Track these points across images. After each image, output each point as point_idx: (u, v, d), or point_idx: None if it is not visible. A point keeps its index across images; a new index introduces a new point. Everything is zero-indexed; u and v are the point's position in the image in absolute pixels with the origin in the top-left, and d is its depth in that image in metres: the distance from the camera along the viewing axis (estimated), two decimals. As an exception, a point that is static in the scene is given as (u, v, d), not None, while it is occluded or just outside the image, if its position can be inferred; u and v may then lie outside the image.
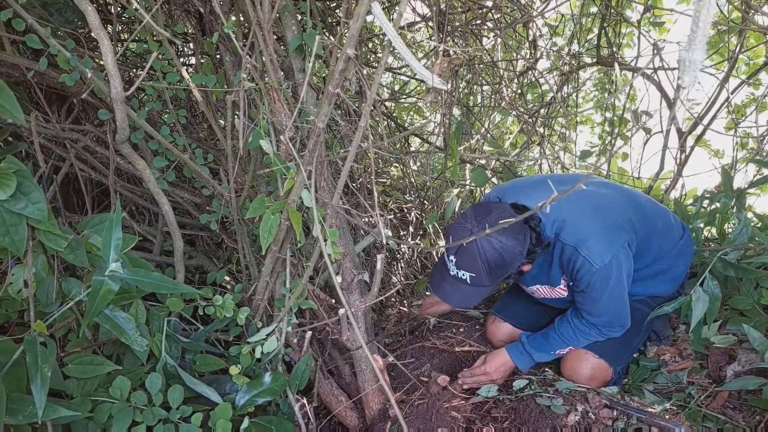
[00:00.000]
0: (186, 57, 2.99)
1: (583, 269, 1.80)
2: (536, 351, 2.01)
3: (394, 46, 1.34)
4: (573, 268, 1.83)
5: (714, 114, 2.99)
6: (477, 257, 1.72)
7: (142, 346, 1.54)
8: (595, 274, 1.78)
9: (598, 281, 1.80)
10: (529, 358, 2.02)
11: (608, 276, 1.80)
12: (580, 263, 1.79)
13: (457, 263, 1.78)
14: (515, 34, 3.67)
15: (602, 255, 1.77)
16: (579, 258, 1.79)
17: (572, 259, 1.81)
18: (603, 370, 1.95)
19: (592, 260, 1.77)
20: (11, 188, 1.30)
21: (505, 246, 1.72)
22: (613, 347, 1.98)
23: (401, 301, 3.62)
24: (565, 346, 1.99)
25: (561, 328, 2.00)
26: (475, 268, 1.74)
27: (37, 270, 1.51)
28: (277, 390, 1.84)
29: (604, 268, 1.78)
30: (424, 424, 1.87)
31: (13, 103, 1.27)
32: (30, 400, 1.29)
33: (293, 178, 1.67)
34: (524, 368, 2.04)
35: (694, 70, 0.75)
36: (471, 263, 1.74)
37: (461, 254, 1.76)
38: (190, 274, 2.78)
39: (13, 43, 2.00)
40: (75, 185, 2.66)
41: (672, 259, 2.08)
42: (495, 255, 1.72)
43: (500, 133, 4.49)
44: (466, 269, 1.76)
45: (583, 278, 1.82)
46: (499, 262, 1.73)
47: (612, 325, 1.93)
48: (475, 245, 1.72)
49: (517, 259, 1.76)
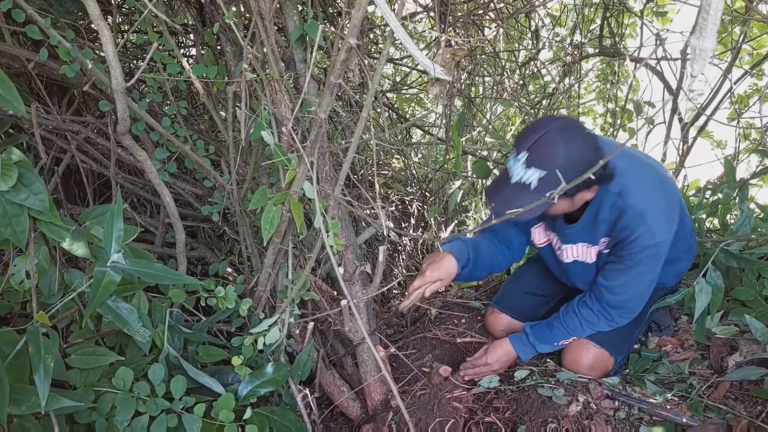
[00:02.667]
0: (186, 48, 2.98)
1: (641, 238, 1.73)
2: (539, 342, 1.99)
3: (397, 37, 1.34)
4: (629, 235, 1.75)
5: (717, 105, 2.97)
6: (555, 151, 1.57)
7: (145, 337, 1.54)
8: (649, 248, 1.73)
9: (646, 255, 1.75)
10: (532, 348, 2.00)
11: (657, 254, 1.76)
12: (641, 232, 1.72)
13: (529, 159, 1.61)
14: (517, 24, 3.65)
15: (662, 231, 1.73)
16: (641, 226, 1.72)
17: (632, 225, 1.73)
18: (604, 359, 1.95)
19: (654, 232, 1.71)
20: (13, 179, 1.30)
21: (582, 148, 1.59)
22: (615, 337, 1.97)
23: (403, 292, 3.63)
24: (569, 337, 1.97)
25: (566, 319, 1.97)
26: (550, 165, 1.57)
27: (39, 261, 1.51)
28: (280, 381, 1.85)
29: (659, 244, 1.73)
30: (425, 415, 1.87)
31: (13, 95, 1.26)
32: (33, 390, 1.30)
33: (295, 170, 1.67)
34: (526, 358, 2.03)
35: (705, 58, 0.75)
36: (547, 159, 1.58)
37: (537, 148, 1.60)
38: (192, 265, 2.78)
39: (13, 35, 1.99)
40: (76, 177, 2.66)
41: (681, 252, 2.05)
42: (574, 154, 1.58)
43: (502, 124, 4.48)
44: (538, 166, 1.59)
45: (635, 247, 1.75)
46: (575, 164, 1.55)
47: (624, 309, 1.89)
48: (552, 137, 1.58)
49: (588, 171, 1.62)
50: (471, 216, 4.06)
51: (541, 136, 1.58)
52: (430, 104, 4.32)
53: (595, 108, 4.36)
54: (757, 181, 2.92)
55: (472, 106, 3.92)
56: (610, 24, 3.33)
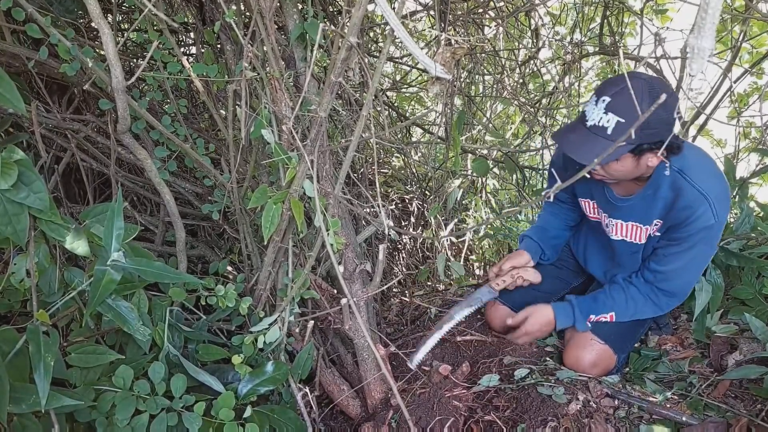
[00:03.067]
0: (187, 47, 2.98)
1: (702, 219, 1.72)
2: (582, 313, 1.99)
3: (397, 35, 1.34)
4: (689, 215, 1.74)
5: (717, 103, 2.97)
6: (637, 98, 1.53)
7: (145, 335, 1.54)
8: (708, 229, 1.73)
9: (703, 237, 1.75)
10: (572, 320, 2.00)
11: (715, 236, 1.76)
12: (702, 211, 1.71)
13: (610, 104, 1.60)
14: (517, 23, 3.65)
15: (723, 212, 1.72)
16: (703, 205, 1.71)
17: (694, 204, 1.72)
18: (607, 356, 1.95)
19: (716, 212, 1.70)
20: (13, 178, 1.30)
21: (667, 107, 1.56)
22: (620, 334, 1.97)
23: (403, 291, 3.63)
24: (609, 312, 1.95)
25: (612, 293, 1.97)
26: (631, 113, 1.57)
27: (40, 260, 1.51)
28: (280, 379, 1.85)
29: (717, 225, 1.73)
30: (425, 413, 1.87)
31: (13, 93, 1.26)
32: (33, 389, 1.30)
33: (295, 168, 1.67)
34: (561, 326, 2.03)
35: (703, 57, 0.75)
36: (627, 106, 1.57)
37: (621, 94, 1.59)
38: (192, 264, 2.78)
39: (13, 33, 1.99)
40: (76, 175, 2.66)
41: None
42: (658, 108, 1.52)
43: (502, 122, 4.48)
44: (617, 113, 1.59)
45: (693, 228, 1.74)
46: (657, 118, 1.54)
47: (674, 296, 1.89)
48: (644, 87, 1.57)
49: (666, 128, 1.61)
50: (471, 215, 4.07)
51: (630, 85, 1.53)
52: (430, 103, 4.32)
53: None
54: (757, 180, 2.93)
55: (472, 105, 3.92)
56: (610, 22, 3.32)
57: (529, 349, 2.19)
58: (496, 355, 2.17)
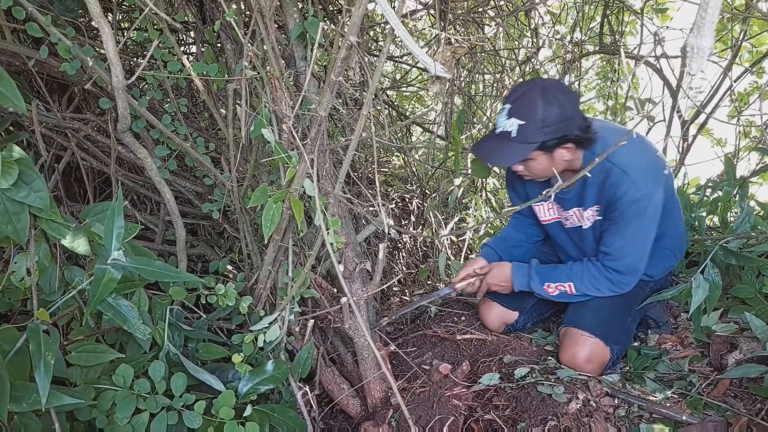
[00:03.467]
0: (187, 46, 2.98)
1: (627, 194, 1.82)
2: (538, 276, 2.09)
3: (397, 34, 1.34)
4: (615, 192, 1.84)
5: (717, 102, 2.97)
6: (534, 103, 1.71)
7: (145, 334, 1.54)
8: (635, 202, 1.81)
9: (634, 210, 1.83)
10: (527, 281, 2.11)
11: (645, 208, 1.83)
12: (625, 187, 1.81)
13: (511, 110, 1.77)
14: (517, 22, 3.65)
15: (647, 184, 1.81)
16: (626, 181, 1.81)
17: (617, 182, 1.83)
18: (600, 350, 1.96)
19: (637, 186, 1.80)
20: (13, 177, 1.30)
21: (560, 103, 1.71)
22: (606, 324, 2.01)
23: (403, 290, 3.63)
24: (567, 281, 2.04)
25: (572, 266, 2.06)
26: (528, 115, 1.72)
27: (40, 258, 1.51)
28: (280, 378, 1.85)
29: (645, 197, 1.81)
30: (425, 412, 1.87)
31: (14, 92, 1.26)
32: (33, 387, 1.30)
33: (295, 167, 1.67)
34: (518, 288, 2.15)
35: (702, 56, 0.75)
36: (525, 110, 1.73)
37: (519, 100, 1.75)
38: (192, 263, 2.79)
39: (13, 32, 1.99)
40: (77, 174, 2.66)
41: (671, 248, 2.12)
42: (548, 107, 1.71)
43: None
44: (518, 116, 1.74)
45: (623, 204, 1.84)
46: (552, 115, 1.71)
47: (626, 274, 1.96)
48: (534, 91, 1.72)
49: (566, 124, 1.74)
50: (471, 213, 4.06)
51: (525, 92, 1.74)
52: (431, 102, 4.32)
53: (594, 105, 4.35)
54: (757, 179, 2.93)
55: (473, 104, 3.92)
56: (610, 21, 3.32)
57: (529, 348, 2.19)
58: (496, 354, 2.17)
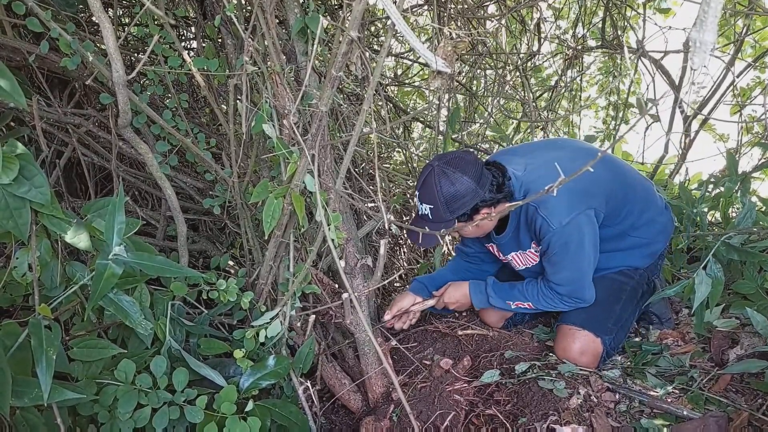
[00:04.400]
0: (188, 41, 2.97)
1: (542, 230, 1.87)
2: (495, 295, 2.12)
3: (398, 29, 1.33)
4: (535, 229, 1.91)
5: (719, 98, 2.96)
6: (434, 188, 1.81)
7: (147, 329, 1.54)
8: (554, 235, 1.85)
9: (557, 243, 1.87)
10: (485, 298, 2.14)
11: (568, 239, 1.86)
12: (540, 223, 1.87)
13: (420, 197, 1.88)
14: (519, 17, 3.63)
15: (560, 217, 1.83)
16: (539, 218, 1.86)
17: (533, 219, 1.89)
18: (591, 341, 1.97)
19: (550, 221, 1.84)
20: (14, 172, 1.30)
21: (460, 180, 1.80)
22: (592, 316, 2.01)
23: (404, 286, 3.63)
24: (525, 301, 2.07)
25: (528, 286, 2.08)
26: (433, 200, 1.83)
27: (41, 254, 1.51)
28: (281, 373, 1.85)
29: (561, 229, 1.84)
30: (426, 407, 1.88)
31: (15, 87, 1.26)
32: (36, 382, 1.30)
33: (296, 163, 1.67)
34: (478, 306, 2.18)
35: (705, 51, 0.74)
36: (430, 195, 1.83)
37: (423, 187, 1.86)
38: (194, 258, 2.79)
39: (14, 27, 1.99)
40: (78, 170, 2.66)
41: (653, 234, 2.12)
42: (450, 187, 1.81)
43: (503, 117, 4.46)
44: (427, 202, 1.85)
45: (544, 239, 1.89)
46: (454, 195, 1.81)
47: (571, 296, 2.00)
48: (433, 177, 1.82)
49: (472, 196, 1.83)
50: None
51: (425, 178, 1.85)
52: (431, 97, 4.31)
53: (596, 101, 4.34)
54: (760, 174, 2.92)
55: (474, 100, 3.91)
56: (612, 17, 3.31)
57: (530, 344, 2.19)
58: (497, 350, 2.17)
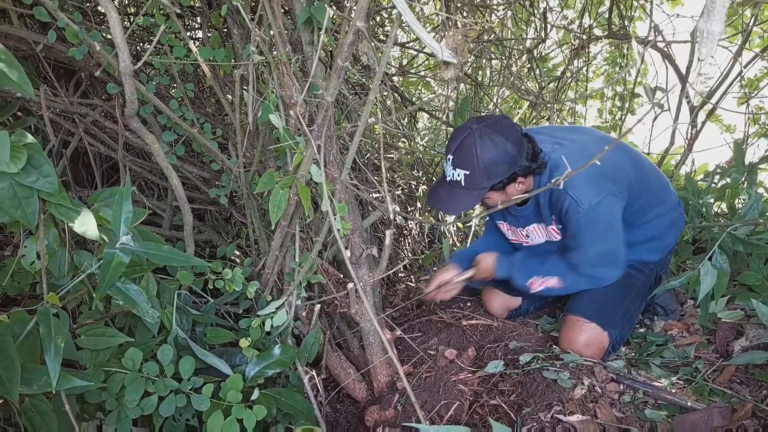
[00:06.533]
0: (193, 31, 2.97)
1: (570, 210, 1.84)
2: (521, 268, 2.08)
3: (404, 19, 1.33)
4: (562, 209, 1.87)
5: (726, 88, 2.95)
6: (473, 152, 1.76)
7: (154, 318, 1.55)
8: (583, 216, 1.82)
9: (585, 223, 1.84)
10: (507, 271, 2.12)
11: (595, 219, 1.83)
12: (568, 204, 1.84)
13: (454, 161, 1.81)
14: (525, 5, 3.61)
15: (589, 197, 1.81)
16: (567, 198, 1.83)
17: (561, 200, 1.86)
18: (597, 334, 1.97)
19: (579, 201, 1.81)
20: (22, 161, 1.30)
21: (502, 146, 1.75)
22: (602, 309, 2.01)
23: (409, 276, 3.64)
24: (552, 275, 2.03)
25: (558, 259, 2.05)
26: (471, 165, 1.77)
27: (49, 243, 1.52)
28: (287, 362, 1.86)
29: (589, 210, 1.81)
30: (431, 397, 1.89)
31: (22, 77, 1.26)
32: (44, 370, 1.31)
33: (302, 153, 1.67)
34: (499, 276, 2.15)
35: (712, 41, 0.74)
36: (467, 159, 1.78)
37: (459, 150, 1.80)
38: (200, 248, 2.80)
39: (20, 17, 1.99)
40: (84, 160, 2.67)
41: (664, 229, 2.11)
42: (491, 152, 1.75)
43: (509, 107, 4.45)
44: (462, 167, 1.79)
45: (572, 220, 1.86)
46: (494, 160, 1.76)
47: (599, 277, 1.97)
48: (473, 139, 1.76)
49: (511, 163, 1.78)
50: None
51: (462, 140, 1.79)
52: (438, 87, 4.30)
53: (602, 91, 4.32)
54: (766, 166, 2.90)
55: (480, 90, 3.90)
56: (619, 7, 3.29)
57: (534, 334, 2.20)
58: (502, 340, 2.18)
